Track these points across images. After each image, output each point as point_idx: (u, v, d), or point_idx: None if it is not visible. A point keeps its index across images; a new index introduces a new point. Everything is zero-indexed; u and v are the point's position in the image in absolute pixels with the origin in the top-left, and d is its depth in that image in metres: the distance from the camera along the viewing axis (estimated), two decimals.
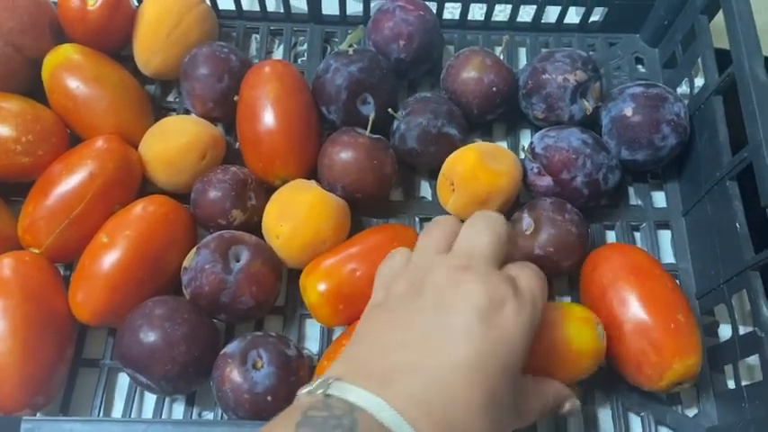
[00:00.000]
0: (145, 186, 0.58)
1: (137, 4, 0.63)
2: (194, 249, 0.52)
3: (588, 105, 0.59)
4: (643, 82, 0.60)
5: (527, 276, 0.41)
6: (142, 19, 0.61)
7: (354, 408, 0.32)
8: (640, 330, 0.49)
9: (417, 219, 0.61)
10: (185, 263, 0.52)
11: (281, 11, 0.68)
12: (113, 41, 0.61)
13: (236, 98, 0.59)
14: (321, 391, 0.34)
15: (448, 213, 0.58)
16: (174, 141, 0.56)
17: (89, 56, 0.58)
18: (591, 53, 0.65)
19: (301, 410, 0.32)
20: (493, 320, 0.36)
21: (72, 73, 0.57)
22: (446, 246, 0.42)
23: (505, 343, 0.36)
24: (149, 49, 0.61)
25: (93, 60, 0.58)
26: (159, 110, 0.63)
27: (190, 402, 0.53)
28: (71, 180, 0.53)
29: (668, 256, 0.60)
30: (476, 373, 0.34)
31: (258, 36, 0.68)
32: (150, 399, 0.54)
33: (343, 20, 0.68)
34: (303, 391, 0.35)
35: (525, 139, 0.65)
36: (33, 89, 0.59)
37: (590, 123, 0.61)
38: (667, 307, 0.50)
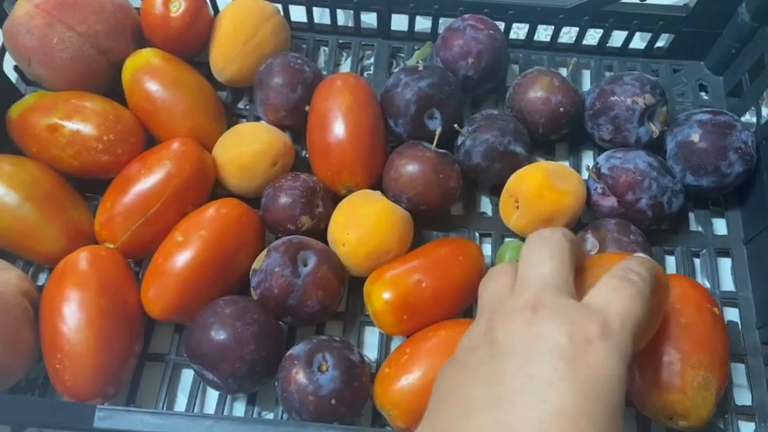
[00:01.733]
0: (215, 189, 0.60)
1: (213, 13, 0.65)
2: (264, 252, 0.53)
3: (655, 129, 0.59)
4: (710, 109, 0.61)
5: (618, 300, 0.35)
6: (220, 28, 0.63)
7: None
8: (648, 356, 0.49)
9: (477, 234, 0.61)
10: (255, 265, 0.54)
11: (351, 25, 0.70)
12: (191, 48, 0.64)
13: (307, 108, 0.60)
14: None
15: (510, 230, 0.59)
16: (247, 147, 0.58)
17: (169, 61, 0.61)
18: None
19: None
20: (580, 359, 0.32)
21: (152, 76, 0.59)
22: (512, 283, 0.38)
23: (602, 379, 0.32)
24: (225, 57, 0.63)
25: (172, 65, 0.61)
26: (230, 116, 0.65)
27: (251, 401, 0.54)
28: (149, 179, 0.55)
29: (728, 284, 0.60)
30: (580, 418, 0.30)
31: (327, 48, 0.70)
32: (212, 396, 0.55)
33: (411, 36, 0.69)
34: None
35: (587, 159, 0.65)
36: (113, 90, 0.62)
37: (653, 147, 0.61)
38: (684, 342, 0.49)
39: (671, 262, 0.61)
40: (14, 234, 0.54)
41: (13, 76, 0.65)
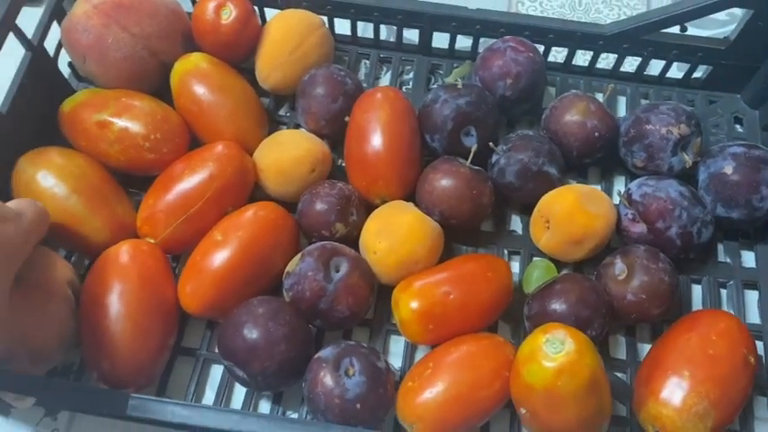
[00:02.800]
0: (254, 192, 0.61)
1: (261, 22, 0.67)
2: (299, 256, 0.55)
3: (688, 159, 0.60)
4: (744, 142, 0.61)
5: None
6: (267, 36, 0.65)
7: None
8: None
9: (506, 251, 0.62)
10: (289, 267, 0.55)
11: (392, 40, 0.72)
12: (238, 54, 0.66)
13: (346, 119, 0.62)
14: None
15: (539, 249, 0.60)
16: (287, 153, 0.60)
17: (216, 65, 0.63)
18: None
19: None
20: None
21: (200, 80, 0.61)
22: None
23: None
24: (271, 65, 0.65)
25: (219, 70, 0.63)
26: (270, 122, 0.67)
27: (276, 401, 0.56)
28: (192, 179, 0.57)
29: (754, 317, 0.60)
30: None
31: (368, 62, 0.72)
32: (239, 393, 0.56)
33: (451, 54, 0.71)
34: None
35: (618, 184, 0.66)
36: (160, 91, 0.64)
37: (684, 177, 0.61)
38: (700, 369, 0.50)
39: (697, 291, 0.61)
40: (61, 224, 0.56)
41: (66, 71, 0.68)
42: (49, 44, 0.63)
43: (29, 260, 0.48)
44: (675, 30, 0.66)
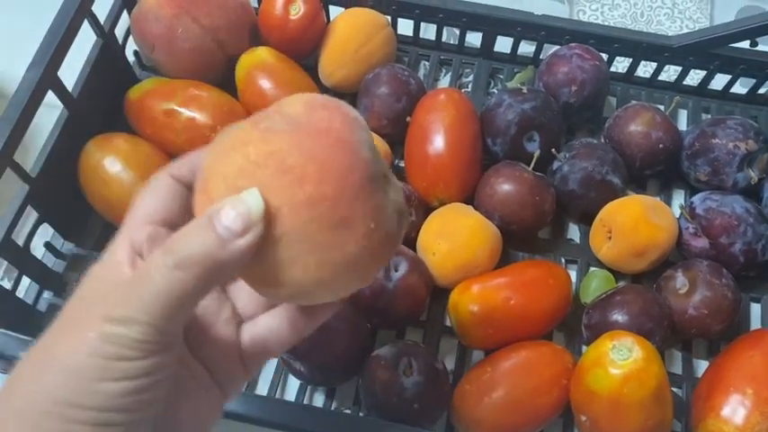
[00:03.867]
0: None
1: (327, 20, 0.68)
2: None
3: (754, 176, 0.59)
4: None
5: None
6: (333, 34, 0.65)
7: None
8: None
9: (563, 260, 0.62)
10: None
11: (453, 42, 0.72)
12: (303, 51, 0.66)
13: (408, 119, 0.62)
14: None
15: (597, 259, 0.60)
16: None
17: (282, 61, 0.63)
18: None
19: None
20: None
21: (266, 74, 0.62)
22: None
23: None
24: (335, 63, 0.65)
25: (285, 65, 0.63)
26: None
27: (329, 396, 0.56)
28: None
29: None
30: None
31: (428, 63, 0.72)
32: (292, 386, 0.57)
33: (513, 58, 0.71)
34: None
35: (678, 197, 0.65)
36: (224, 83, 0.64)
37: (747, 193, 0.60)
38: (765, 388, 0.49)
39: (756, 310, 0.61)
40: (125, 210, 0.57)
41: (131, 60, 0.68)
42: (118, 32, 0.64)
43: None
44: (743, 44, 0.65)
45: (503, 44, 0.70)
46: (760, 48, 0.65)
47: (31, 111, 0.52)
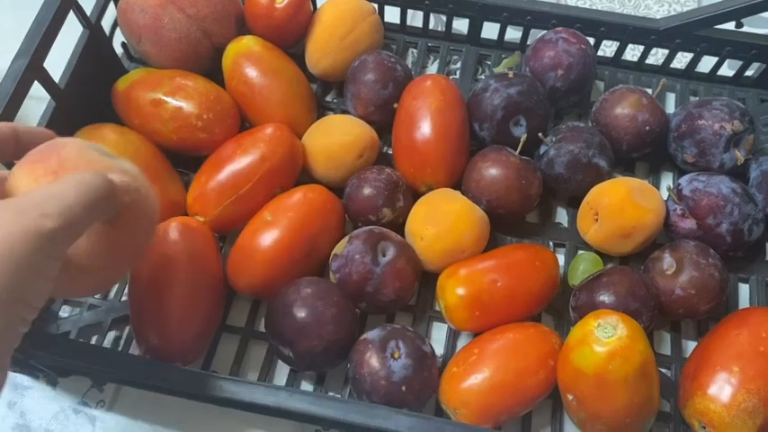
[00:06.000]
0: (301, 175, 0.62)
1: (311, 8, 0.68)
2: (346, 238, 0.55)
3: (740, 156, 0.59)
4: None
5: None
6: (319, 22, 0.65)
7: None
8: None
9: (551, 243, 0.62)
10: (336, 250, 0.56)
11: (440, 29, 0.72)
12: (290, 39, 0.66)
13: (395, 106, 0.62)
14: None
15: (585, 242, 0.60)
16: (336, 138, 0.60)
17: (269, 49, 0.63)
18: None
19: None
20: None
21: (252, 63, 0.62)
22: None
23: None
24: (321, 51, 0.65)
25: (271, 54, 0.63)
26: (317, 108, 0.67)
27: (319, 381, 0.56)
28: (243, 160, 0.57)
29: None
30: None
31: (416, 50, 0.72)
32: (281, 372, 0.57)
33: (500, 44, 0.71)
34: None
35: (666, 179, 0.66)
36: (211, 73, 0.64)
37: (734, 174, 0.61)
38: (751, 366, 0.49)
39: (744, 290, 0.61)
40: None
41: (118, 51, 0.69)
42: (104, 23, 0.64)
43: None
44: (728, 26, 0.65)
45: (490, 31, 0.70)
46: (746, 29, 0.65)
47: (17, 101, 0.52)
